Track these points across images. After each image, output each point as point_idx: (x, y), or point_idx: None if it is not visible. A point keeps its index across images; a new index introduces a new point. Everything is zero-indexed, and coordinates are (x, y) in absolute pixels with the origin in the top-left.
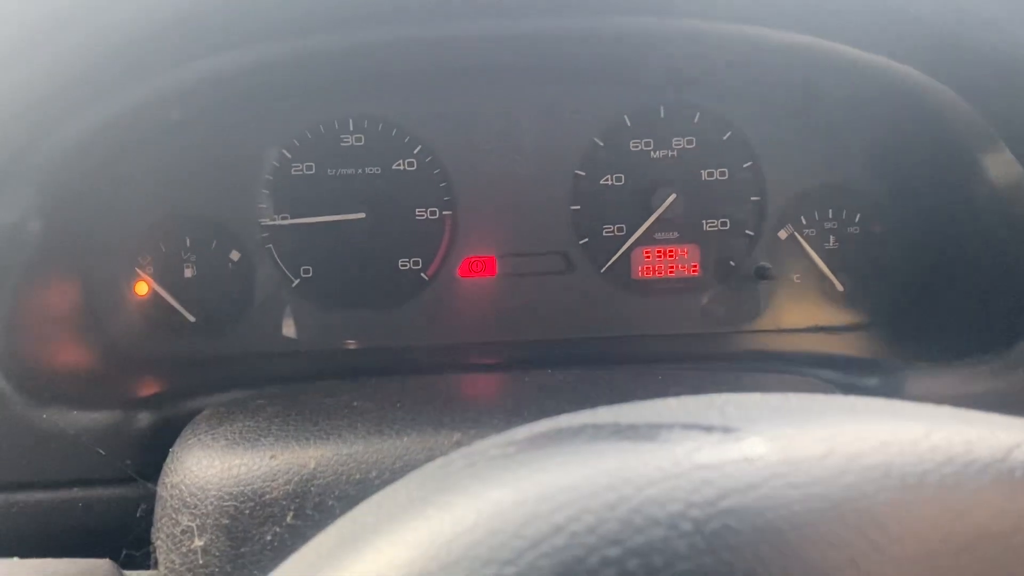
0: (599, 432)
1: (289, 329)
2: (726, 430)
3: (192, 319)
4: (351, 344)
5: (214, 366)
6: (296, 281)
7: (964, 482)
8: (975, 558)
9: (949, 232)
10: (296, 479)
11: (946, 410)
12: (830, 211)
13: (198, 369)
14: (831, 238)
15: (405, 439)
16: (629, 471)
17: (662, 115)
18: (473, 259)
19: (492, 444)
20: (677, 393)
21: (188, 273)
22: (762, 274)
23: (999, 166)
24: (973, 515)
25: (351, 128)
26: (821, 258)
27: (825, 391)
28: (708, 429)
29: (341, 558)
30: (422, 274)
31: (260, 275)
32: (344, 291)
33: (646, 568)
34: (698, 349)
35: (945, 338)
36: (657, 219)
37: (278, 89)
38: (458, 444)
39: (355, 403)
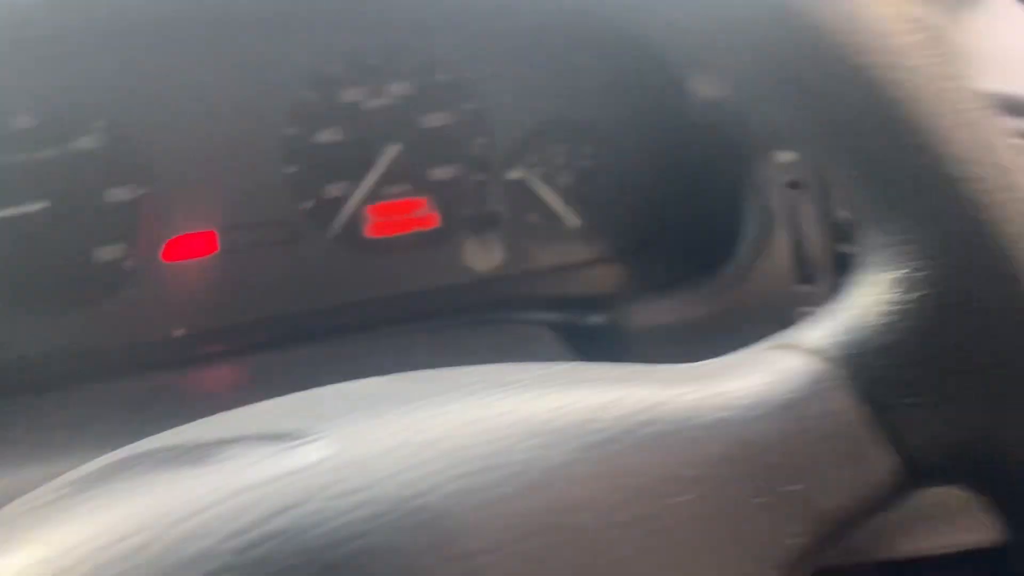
0: (164, 458)
1: None
2: (295, 437)
3: None
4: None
5: None
6: None
7: (540, 463)
8: (548, 540)
9: (672, 158)
10: None
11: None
12: (560, 147)
13: None
14: (564, 174)
15: (53, 467)
16: (167, 505)
17: (374, 60)
18: (183, 239)
19: (53, 487)
20: (367, 359)
21: None
22: (495, 219)
23: (706, 85)
24: (547, 495)
25: (19, 107)
26: (555, 196)
27: (537, 336)
28: (276, 438)
29: None
30: (124, 263)
31: None
32: (37, 292)
33: None
34: (439, 303)
35: (671, 265)
36: (382, 173)
37: None
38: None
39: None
